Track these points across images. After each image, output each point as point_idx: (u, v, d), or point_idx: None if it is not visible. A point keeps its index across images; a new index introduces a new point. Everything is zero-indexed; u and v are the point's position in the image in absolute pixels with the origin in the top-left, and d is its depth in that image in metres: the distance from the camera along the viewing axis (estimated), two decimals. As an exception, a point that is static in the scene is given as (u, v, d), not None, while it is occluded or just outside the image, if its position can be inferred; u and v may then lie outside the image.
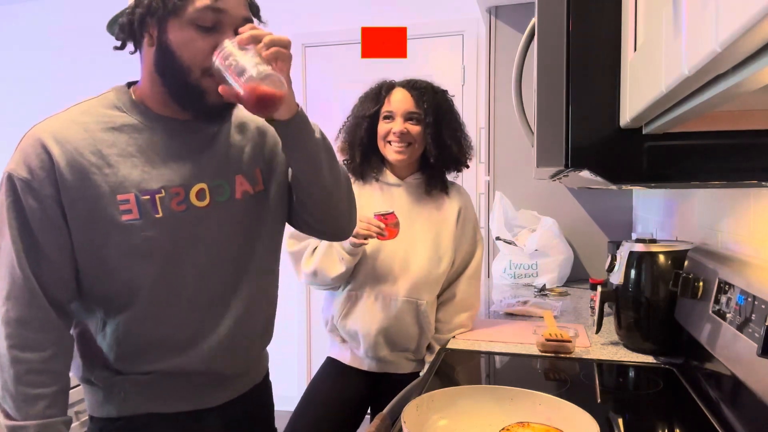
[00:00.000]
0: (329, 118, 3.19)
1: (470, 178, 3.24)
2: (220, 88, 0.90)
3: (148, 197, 0.96)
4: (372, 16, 3.26)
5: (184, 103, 0.98)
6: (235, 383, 1.14)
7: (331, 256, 1.53)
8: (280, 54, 0.90)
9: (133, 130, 0.98)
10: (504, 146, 2.66)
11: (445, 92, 1.62)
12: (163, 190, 0.97)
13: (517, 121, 1.37)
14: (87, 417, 1.07)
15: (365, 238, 1.45)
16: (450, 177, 1.69)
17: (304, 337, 3.55)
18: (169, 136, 1.00)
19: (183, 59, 0.93)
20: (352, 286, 1.58)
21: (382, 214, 1.47)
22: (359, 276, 1.57)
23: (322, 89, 3.49)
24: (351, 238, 1.45)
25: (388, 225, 1.47)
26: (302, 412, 1.61)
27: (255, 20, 0.99)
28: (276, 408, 1.34)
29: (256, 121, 1.13)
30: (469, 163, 1.66)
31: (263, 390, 1.26)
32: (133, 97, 1.01)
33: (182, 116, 1.01)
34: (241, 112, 1.11)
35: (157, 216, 0.96)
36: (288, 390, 3.60)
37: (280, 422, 1.16)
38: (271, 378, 1.33)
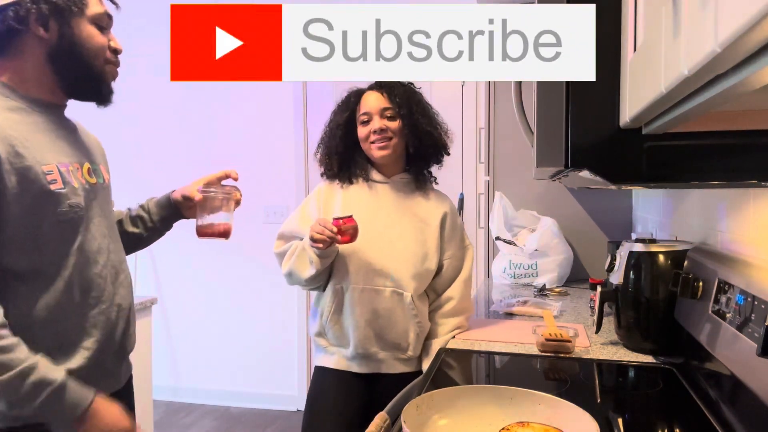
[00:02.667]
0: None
1: (470, 178, 3.24)
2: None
3: (65, 168, 1.08)
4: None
5: (79, 87, 1.15)
6: (120, 375, 1.23)
7: (303, 259, 1.56)
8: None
9: (21, 111, 1.07)
10: (504, 146, 2.66)
11: (412, 84, 1.68)
12: (69, 164, 1.10)
13: (517, 121, 1.37)
14: None
15: (322, 243, 1.47)
16: (439, 170, 1.72)
17: (304, 337, 3.55)
18: (49, 118, 1.12)
19: (90, 50, 1.11)
20: (337, 280, 1.59)
21: (340, 218, 1.49)
22: (344, 270, 1.58)
23: (322, 89, 3.49)
24: (310, 242, 1.49)
25: (343, 229, 1.47)
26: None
27: (112, 6, 1.18)
28: (277, 408, 1.36)
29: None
30: (450, 150, 1.69)
31: (131, 386, 1.33)
32: (5, 80, 1.09)
33: (57, 100, 1.14)
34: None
35: (75, 185, 1.09)
36: (289, 389, 3.61)
37: (281, 422, 1.15)
38: (272, 378, 1.36)
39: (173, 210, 1.38)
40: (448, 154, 1.69)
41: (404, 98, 1.60)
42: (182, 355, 3.72)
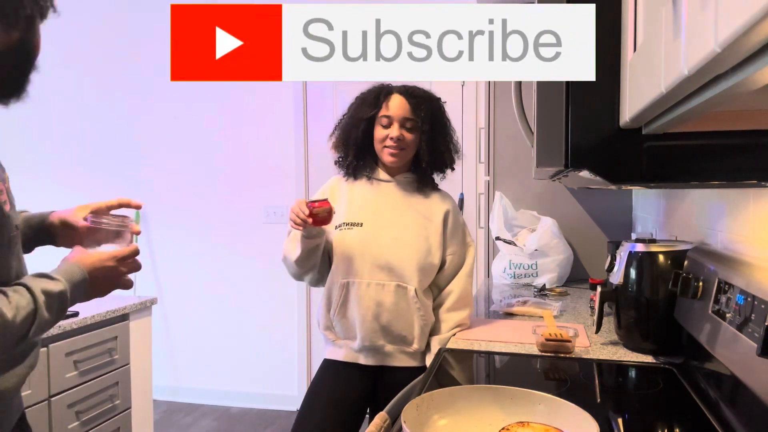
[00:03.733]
0: (329, 117, 3.19)
1: (470, 178, 3.24)
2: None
3: (5, 187, 0.95)
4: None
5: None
6: (13, 414, 1.05)
7: (294, 241, 1.60)
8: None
9: None
10: (504, 146, 2.66)
11: (439, 100, 1.69)
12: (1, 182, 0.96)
13: (517, 121, 1.37)
14: None
15: (297, 224, 1.49)
16: (439, 178, 1.75)
17: (304, 337, 3.55)
18: None
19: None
20: (343, 274, 1.62)
21: (315, 201, 1.50)
22: (351, 265, 1.61)
23: (323, 89, 3.49)
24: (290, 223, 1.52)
25: (314, 212, 1.46)
26: (305, 416, 1.62)
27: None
28: (277, 408, 1.33)
29: None
30: (455, 166, 1.73)
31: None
32: None
33: None
34: None
35: (12, 203, 0.97)
36: (289, 389, 3.61)
37: (281, 422, 1.15)
38: (272, 378, 1.33)
39: (43, 234, 1.14)
40: (453, 169, 1.73)
41: (428, 114, 1.62)
42: (182, 355, 3.72)
